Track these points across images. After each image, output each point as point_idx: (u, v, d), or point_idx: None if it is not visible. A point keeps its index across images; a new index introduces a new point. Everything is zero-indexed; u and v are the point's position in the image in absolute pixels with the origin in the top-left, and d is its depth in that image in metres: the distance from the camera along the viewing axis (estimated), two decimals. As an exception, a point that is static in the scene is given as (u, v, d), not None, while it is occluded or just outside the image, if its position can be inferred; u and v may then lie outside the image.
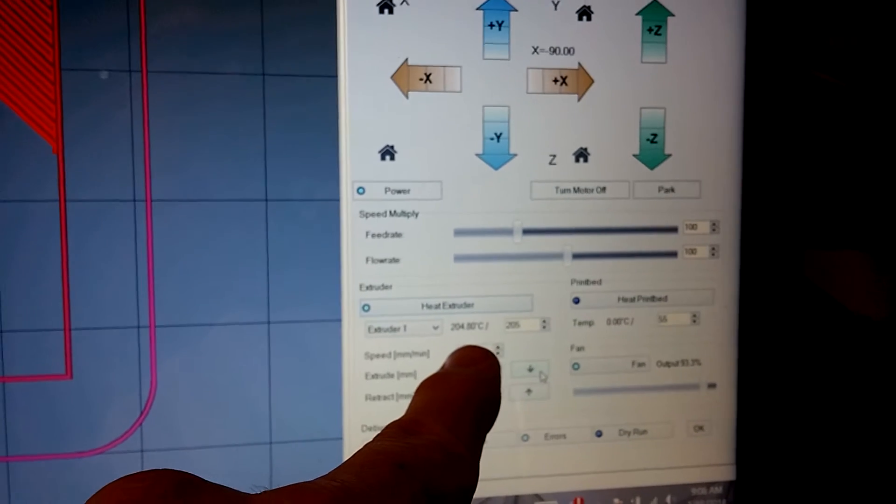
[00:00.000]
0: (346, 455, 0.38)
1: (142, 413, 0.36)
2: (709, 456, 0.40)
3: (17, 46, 0.34)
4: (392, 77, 0.36)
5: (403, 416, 0.19)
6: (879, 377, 0.42)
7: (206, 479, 0.34)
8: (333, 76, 0.36)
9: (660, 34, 0.38)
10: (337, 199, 0.37)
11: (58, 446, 0.36)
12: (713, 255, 0.40)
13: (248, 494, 0.16)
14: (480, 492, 0.39)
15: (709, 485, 0.41)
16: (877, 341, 0.42)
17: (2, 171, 0.34)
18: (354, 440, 0.38)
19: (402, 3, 0.36)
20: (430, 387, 0.20)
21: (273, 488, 0.16)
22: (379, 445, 0.17)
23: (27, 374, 0.35)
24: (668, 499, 0.40)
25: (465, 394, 0.20)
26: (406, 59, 0.36)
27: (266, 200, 0.36)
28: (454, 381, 0.20)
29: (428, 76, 0.37)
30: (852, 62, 0.41)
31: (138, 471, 0.36)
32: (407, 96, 0.37)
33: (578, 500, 0.40)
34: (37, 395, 0.35)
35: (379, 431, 0.37)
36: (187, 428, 0.37)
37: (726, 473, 0.41)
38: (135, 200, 0.35)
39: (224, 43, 0.35)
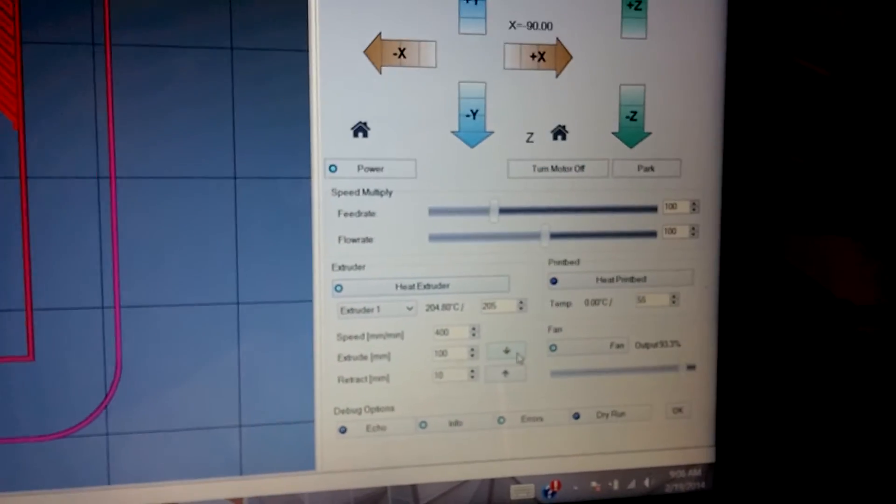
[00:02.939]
0: (318, 438, 0.37)
1: (107, 395, 0.35)
2: (687, 438, 0.40)
3: (-25, 17, 0.33)
4: (365, 51, 0.35)
5: None
6: (859, 359, 0.42)
7: (174, 463, 0.32)
8: (304, 50, 0.35)
9: (640, 9, 0.37)
10: (308, 177, 0.36)
11: (21, 429, 0.35)
12: (693, 234, 0.39)
13: None
14: (456, 475, 0.38)
15: (687, 467, 0.40)
16: (856, 323, 0.42)
17: (-41, 147, 0.33)
18: (327, 423, 0.37)
19: (375, -25, 0.35)
20: None
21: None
22: None
23: (-12, 356, 0.34)
24: (647, 481, 0.40)
25: None
26: (379, 33, 0.35)
27: (235, 178, 0.35)
28: None
29: (402, 51, 0.36)
30: (836, 43, 0.40)
31: (103, 457, 0.35)
32: (380, 71, 0.36)
33: (555, 483, 0.39)
34: (-1, 378, 0.34)
35: (350, 411, 0.36)
36: (154, 411, 0.36)
37: (705, 456, 0.40)
38: (98, 178, 0.34)
39: (190, 15, 0.34)
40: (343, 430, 0.37)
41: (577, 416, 0.39)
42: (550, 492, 0.39)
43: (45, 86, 0.33)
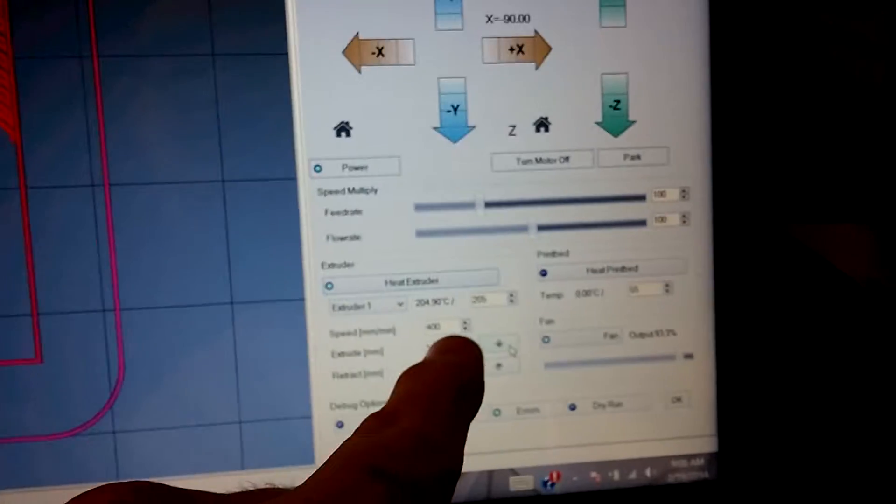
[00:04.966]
0: (316, 433, 0.38)
1: (111, 395, 0.37)
2: (688, 427, 0.40)
3: (-29, 37, 0.34)
4: (344, 52, 0.36)
5: (383, 407, 0.19)
6: (861, 337, 0.41)
7: (179, 459, 0.34)
8: (284, 54, 0.36)
9: (619, -4, 0.37)
10: (294, 178, 0.37)
11: (33, 429, 0.36)
12: (684, 222, 0.38)
13: (210, 495, 0.17)
14: (453, 468, 0.38)
15: (689, 457, 0.40)
16: (859, 302, 0.41)
17: (-38, 162, 0.35)
18: (323, 418, 0.38)
19: (350, -24, 0.36)
20: (409, 377, 0.20)
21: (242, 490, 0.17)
22: (352, 445, 0.17)
23: (-2, 359, 0.36)
24: (648, 472, 0.40)
25: (443, 381, 0.20)
26: (357, 33, 0.36)
27: (223, 181, 0.36)
28: (433, 369, 0.20)
29: (380, 50, 0.36)
30: (822, 16, 0.39)
31: (111, 454, 0.36)
32: (360, 71, 0.36)
33: (554, 474, 0.39)
34: (9, 380, 0.36)
35: (346, 406, 0.37)
36: (157, 409, 0.37)
37: (707, 445, 0.40)
38: (93, 185, 0.36)
39: (172, 25, 0.35)
40: (340, 425, 0.38)
41: (573, 408, 0.39)
42: (550, 483, 0.39)
43: (38, 98, 0.35)
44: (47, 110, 0.35)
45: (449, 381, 0.20)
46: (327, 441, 0.38)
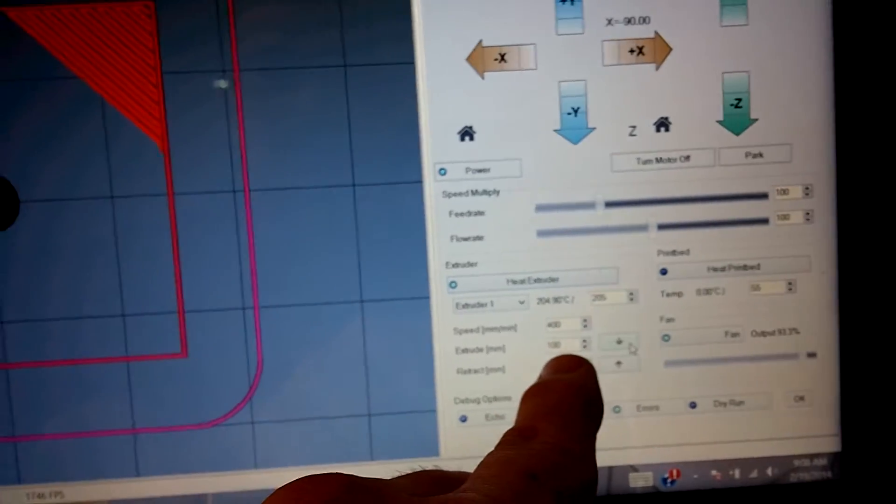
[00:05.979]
0: (441, 426, 0.39)
1: (251, 388, 0.39)
2: (811, 427, 0.39)
3: (123, 55, 0.37)
4: (467, 59, 0.37)
5: (517, 423, 0.20)
6: None
7: (311, 449, 0.36)
8: (411, 63, 0.37)
9: (740, -5, 0.37)
10: (420, 181, 0.38)
11: (178, 419, 0.39)
12: (808, 220, 0.38)
13: (394, 483, 0.18)
14: (574, 462, 0.39)
15: (812, 456, 0.39)
16: None
17: (116, 170, 0.38)
18: (448, 412, 0.39)
19: (474, -14, 0.37)
20: (535, 394, 0.21)
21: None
22: (505, 455, 0.18)
23: (147, 353, 0.39)
24: (770, 471, 0.40)
25: (570, 397, 0.21)
26: (480, 41, 0.37)
27: (353, 186, 0.38)
28: (558, 387, 0.21)
29: (503, 56, 0.37)
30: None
31: (249, 443, 0.39)
32: (483, 77, 0.37)
33: (674, 472, 0.40)
34: (158, 374, 0.39)
35: (469, 401, 0.38)
36: (292, 401, 0.39)
37: (831, 445, 0.39)
38: (234, 191, 0.38)
39: (307, 39, 0.37)
40: (464, 419, 0.39)
41: (693, 406, 0.39)
42: (670, 480, 0.40)
43: (184, 111, 0.38)
44: (192, 121, 0.37)
45: (575, 397, 0.21)
46: (452, 434, 0.39)
